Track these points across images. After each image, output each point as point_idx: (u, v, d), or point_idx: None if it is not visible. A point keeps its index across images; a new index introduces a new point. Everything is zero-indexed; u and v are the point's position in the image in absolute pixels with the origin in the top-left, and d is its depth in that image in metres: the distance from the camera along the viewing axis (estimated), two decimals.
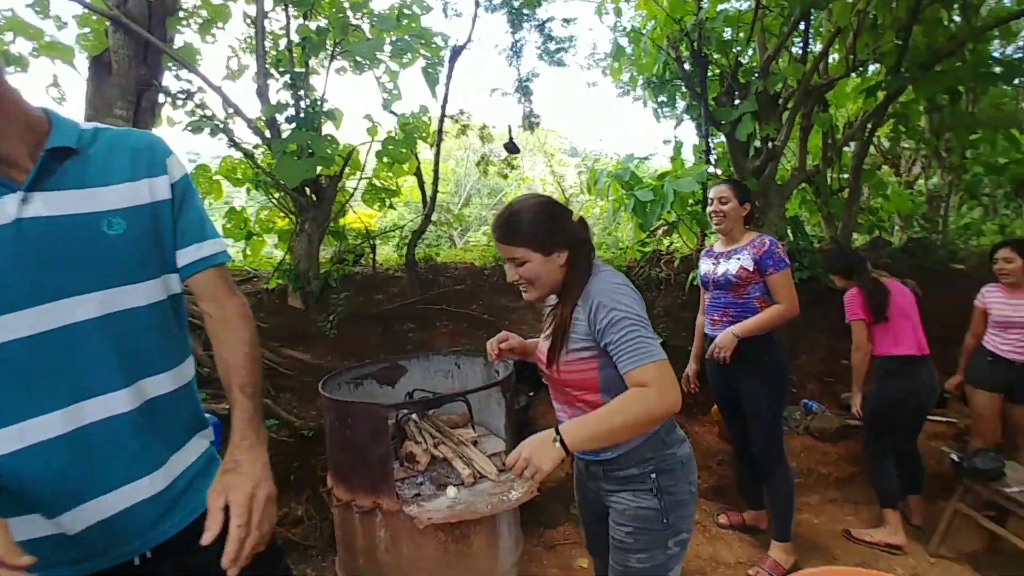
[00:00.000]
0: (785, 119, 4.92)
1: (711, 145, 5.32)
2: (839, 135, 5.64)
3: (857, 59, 4.86)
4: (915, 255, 5.54)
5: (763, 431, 2.69)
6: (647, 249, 5.42)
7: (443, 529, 2.04)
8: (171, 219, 1.09)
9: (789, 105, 4.96)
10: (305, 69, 4.05)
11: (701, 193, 4.80)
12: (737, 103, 5.12)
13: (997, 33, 5.59)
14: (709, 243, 3.54)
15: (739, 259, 2.65)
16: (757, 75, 4.99)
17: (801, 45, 5.29)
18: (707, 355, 2.76)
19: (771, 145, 4.94)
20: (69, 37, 7.67)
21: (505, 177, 6.17)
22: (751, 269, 2.60)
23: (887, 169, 7.72)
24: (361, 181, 4.62)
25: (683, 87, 5.41)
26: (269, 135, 3.94)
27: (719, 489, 3.51)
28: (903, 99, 5.25)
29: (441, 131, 4.65)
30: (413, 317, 4.28)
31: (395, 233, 5.58)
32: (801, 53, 5.24)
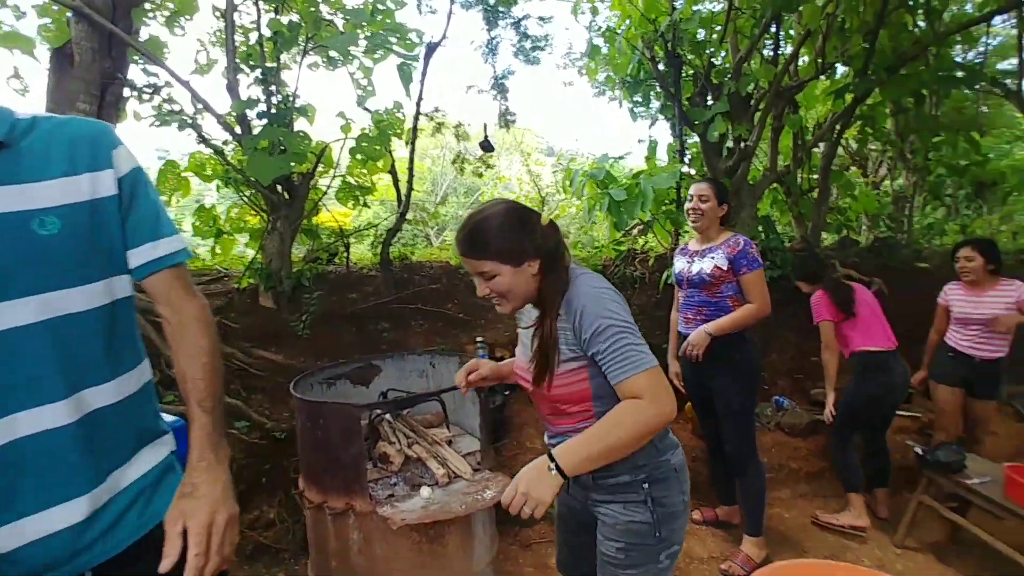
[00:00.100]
0: (757, 120, 5.00)
1: (685, 145, 5.37)
2: (809, 136, 5.75)
3: (826, 62, 4.97)
4: (881, 254, 5.67)
5: (735, 428, 2.73)
6: (622, 248, 5.46)
7: (417, 530, 2.03)
8: (118, 217, 1.01)
9: (761, 106, 5.03)
10: (276, 64, 3.98)
11: (675, 192, 4.85)
12: (710, 103, 5.19)
13: (959, 39, 5.78)
14: (684, 241, 3.58)
15: (713, 258, 2.68)
16: (729, 76, 5.05)
17: (772, 47, 5.38)
18: (680, 352, 2.79)
19: (743, 145, 5.01)
20: (30, 27, 7.42)
21: (480, 176, 6.15)
22: (725, 268, 2.64)
23: (855, 170, 7.89)
24: (335, 179, 4.56)
25: (657, 87, 5.45)
26: (240, 131, 3.86)
27: (692, 485, 3.52)
28: (870, 101, 5.39)
29: (416, 129, 4.61)
30: (388, 316, 4.23)
31: (369, 232, 5.52)
32: (772, 55, 5.33)
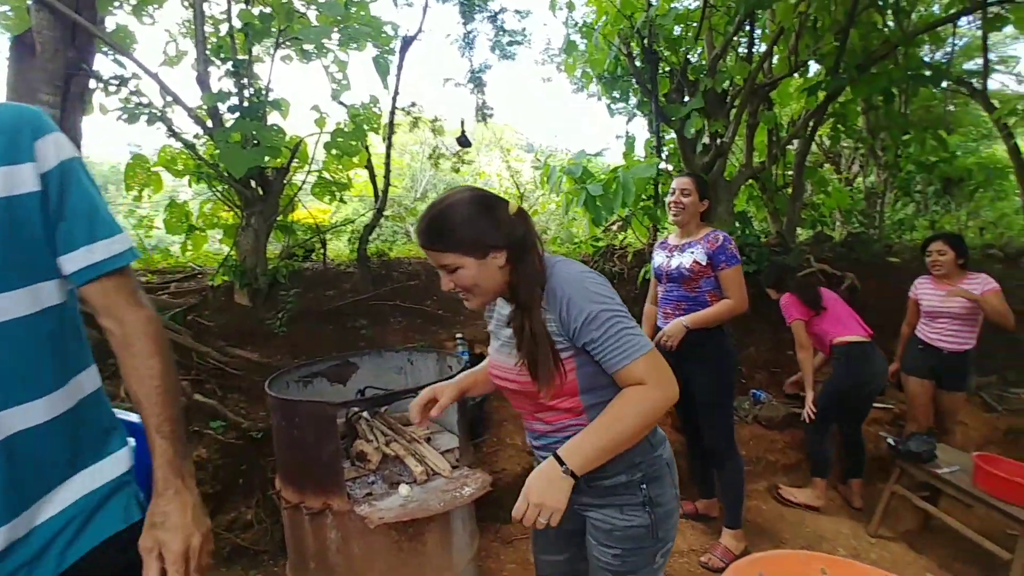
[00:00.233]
0: (732, 116, 5.05)
1: (662, 141, 5.41)
2: (783, 133, 5.82)
3: (799, 59, 5.04)
4: (854, 249, 5.77)
5: (714, 422, 2.76)
6: (600, 244, 5.48)
7: (396, 528, 2.00)
8: (42, 216, 0.91)
9: (736, 103, 5.09)
10: (249, 57, 3.89)
11: (653, 188, 4.88)
12: (686, 100, 5.22)
13: (927, 39, 5.91)
14: (662, 236, 3.59)
15: (692, 252, 2.69)
16: (705, 73, 5.09)
17: (747, 45, 5.44)
18: (654, 343, 2.80)
19: (719, 141, 5.06)
20: None
21: (458, 171, 6.12)
22: (704, 263, 2.65)
23: (828, 167, 8.05)
24: (310, 174, 4.48)
25: (634, 83, 5.47)
26: (211, 125, 3.77)
27: None
28: (842, 99, 5.47)
29: (392, 123, 4.55)
30: (366, 313, 4.18)
31: (347, 228, 5.45)
32: (747, 52, 5.38)
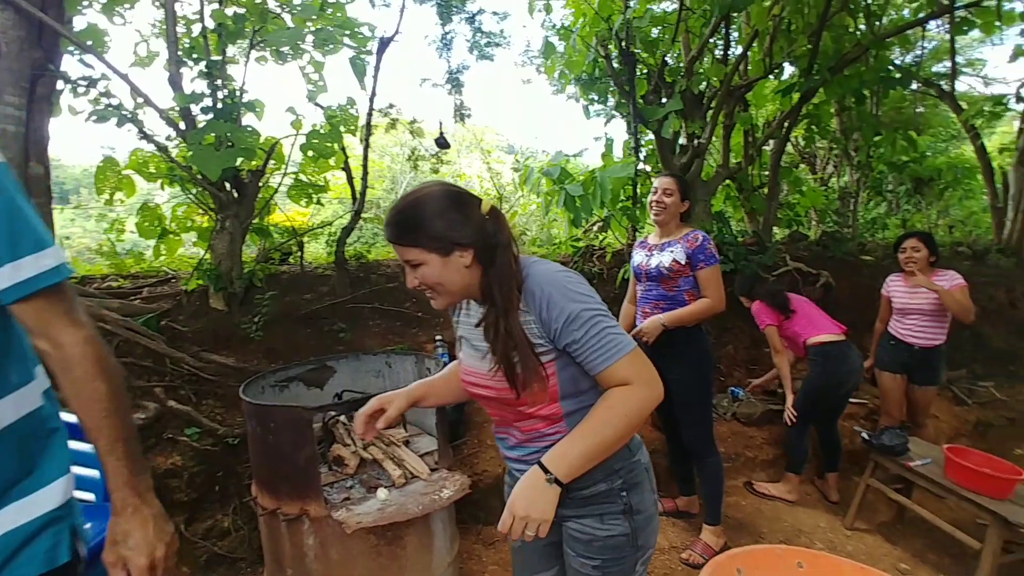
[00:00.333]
0: (709, 117, 5.11)
1: (640, 142, 5.44)
2: (759, 134, 5.91)
3: (773, 61, 5.12)
4: (828, 248, 5.87)
5: (693, 419, 2.78)
6: (580, 245, 5.49)
7: (374, 532, 1.98)
8: None
9: (713, 104, 5.15)
10: (222, 57, 3.83)
11: (632, 189, 4.91)
12: (664, 101, 5.26)
13: (897, 42, 6.04)
14: (641, 236, 3.62)
15: (672, 252, 2.72)
16: (682, 75, 5.14)
17: (723, 47, 5.50)
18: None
19: (697, 142, 5.11)
20: None
21: (436, 172, 6.09)
22: (683, 263, 2.68)
23: (804, 167, 8.18)
24: (286, 177, 4.42)
25: (612, 85, 5.50)
26: (184, 127, 3.70)
27: None
28: (816, 100, 5.58)
29: (370, 125, 4.52)
30: (344, 316, 4.14)
31: (324, 231, 5.39)
32: (723, 55, 5.45)
